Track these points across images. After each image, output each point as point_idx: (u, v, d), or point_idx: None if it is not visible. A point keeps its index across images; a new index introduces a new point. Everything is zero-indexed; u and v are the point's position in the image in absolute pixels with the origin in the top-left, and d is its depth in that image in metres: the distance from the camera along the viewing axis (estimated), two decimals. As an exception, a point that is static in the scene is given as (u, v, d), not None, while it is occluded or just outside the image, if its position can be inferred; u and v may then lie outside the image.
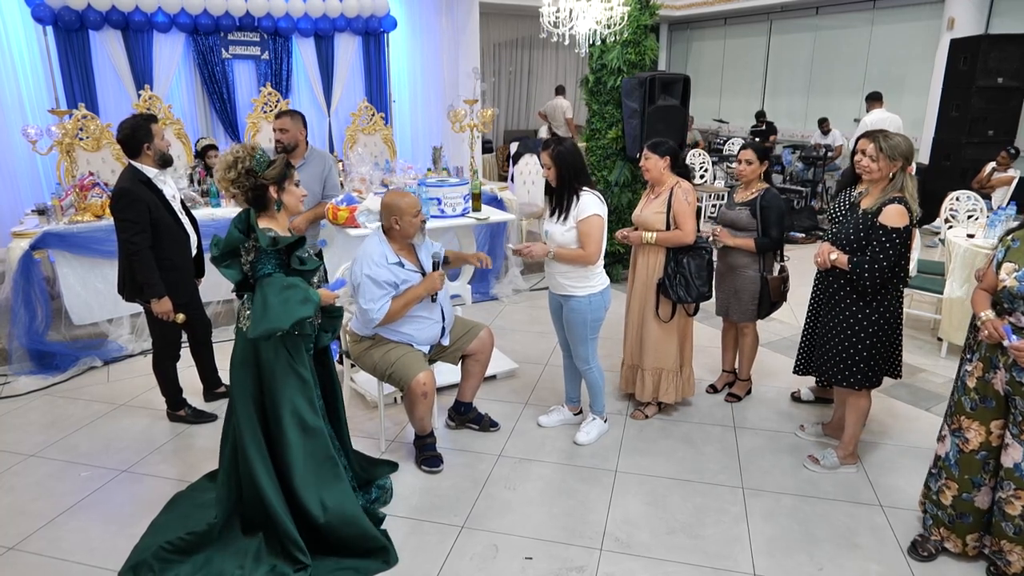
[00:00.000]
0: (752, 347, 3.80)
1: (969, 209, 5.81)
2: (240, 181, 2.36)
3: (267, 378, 2.43)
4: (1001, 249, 2.40)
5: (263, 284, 2.33)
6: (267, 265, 2.35)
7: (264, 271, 2.34)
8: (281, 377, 2.43)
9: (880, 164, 2.85)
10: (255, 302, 2.33)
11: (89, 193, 4.60)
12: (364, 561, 2.52)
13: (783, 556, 2.61)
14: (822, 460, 3.16)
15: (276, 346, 2.41)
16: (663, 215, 3.36)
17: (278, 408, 2.45)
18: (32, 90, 6.23)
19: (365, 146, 6.85)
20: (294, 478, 2.46)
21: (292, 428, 2.46)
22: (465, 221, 4.10)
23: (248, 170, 2.35)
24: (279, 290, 2.31)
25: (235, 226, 2.37)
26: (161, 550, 2.47)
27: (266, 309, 2.28)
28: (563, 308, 3.31)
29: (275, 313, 2.27)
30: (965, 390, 2.45)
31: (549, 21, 4.84)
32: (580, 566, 2.55)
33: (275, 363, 2.42)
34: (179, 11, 6.47)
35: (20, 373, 4.15)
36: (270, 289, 2.31)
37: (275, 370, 2.42)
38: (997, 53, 7.39)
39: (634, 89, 5.45)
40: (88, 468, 3.20)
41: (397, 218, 3.02)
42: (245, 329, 2.43)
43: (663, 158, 3.36)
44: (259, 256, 2.35)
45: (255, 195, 2.40)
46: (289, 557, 2.45)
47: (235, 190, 2.38)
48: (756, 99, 12.09)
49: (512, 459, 3.27)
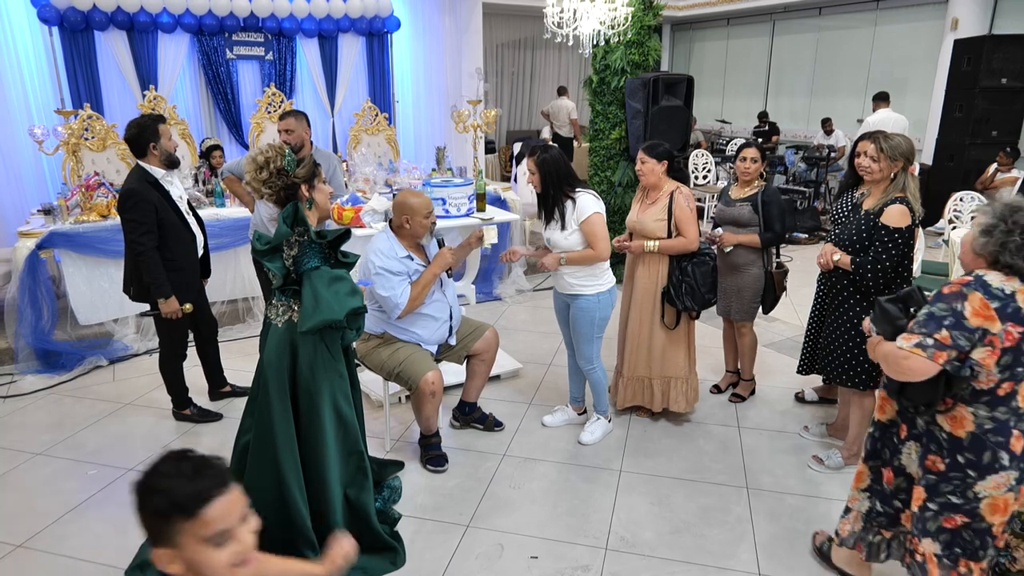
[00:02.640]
0: (751, 347, 3.80)
1: (973, 210, 5.80)
2: (272, 181, 2.39)
3: (305, 372, 2.43)
4: None
5: (311, 277, 2.34)
6: (313, 258, 2.35)
7: (311, 264, 2.35)
8: (321, 370, 2.44)
9: (881, 164, 2.85)
10: (304, 296, 2.33)
11: (95, 193, 4.63)
12: (372, 560, 2.53)
13: (787, 556, 2.61)
14: (826, 460, 3.17)
15: (315, 341, 2.42)
16: (664, 222, 3.28)
17: (317, 401, 2.45)
18: (38, 90, 6.24)
19: (369, 146, 6.88)
20: (326, 470, 2.47)
21: (330, 420, 2.47)
22: (470, 221, 4.11)
23: (279, 170, 2.38)
24: (328, 282, 2.33)
25: (283, 220, 2.38)
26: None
27: (318, 301, 2.29)
28: (570, 307, 3.30)
29: (327, 305, 2.29)
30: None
31: (553, 22, 4.86)
32: (585, 565, 2.56)
33: (315, 357, 2.43)
34: (184, 11, 6.49)
35: (26, 372, 4.17)
36: (319, 282, 2.32)
37: (315, 364, 2.44)
38: (1001, 54, 7.38)
39: (638, 90, 5.46)
40: (95, 467, 3.22)
41: (408, 217, 3.03)
42: (281, 324, 2.44)
43: (660, 162, 3.27)
44: (303, 250, 2.36)
45: (287, 194, 2.43)
46: (296, 553, 2.45)
47: (267, 190, 2.41)
48: (759, 100, 12.08)
49: (517, 458, 3.28)
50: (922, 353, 1.86)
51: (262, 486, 2.47)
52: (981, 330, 1.83)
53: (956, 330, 1.84)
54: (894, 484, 2.22)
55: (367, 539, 2.55)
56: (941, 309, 1.88)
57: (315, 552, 2.45)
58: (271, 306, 2.51)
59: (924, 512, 2.06)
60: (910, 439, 2.13)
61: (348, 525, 2.51)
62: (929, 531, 2.06)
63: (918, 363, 1.87)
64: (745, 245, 3.51)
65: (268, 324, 2.53)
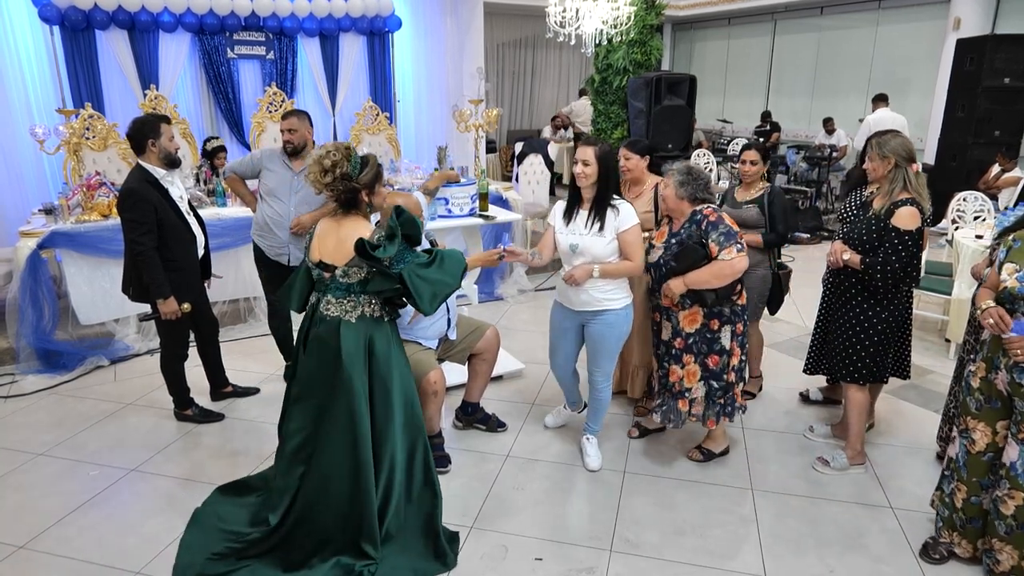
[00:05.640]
0: (757, 345, 3.83)
1: (976, 210, 5.79)
2: (335, 185, 2.39)
3: (382, 366, 2.48)
4: (1003, 249, 2.39)
5: (414, 268, 2.38)
6: (405, 254, 2.39)
7: (411, 258, 2.40)
8: (396, 360, 2.53)
9: (875, 163, 2.91)
10: (415, 285, 2.36)
11: (96, 192, 4.61)
12: (425, 563, 2.51)
13: (792, 557, 2.60)
14: (832, 462, 3.15)
15: (390, 332, 2.53)
16: (651, 214, 3.39)
17: (390, 390, 2.50)
18: (39, 90, 6.23)
19: (370, 146, 6.86)
20: (395, 456, 2.50)
21: (399, 407, 2.52)
22: (472, 221, 4.10)
23: (344, 175, 2.38)
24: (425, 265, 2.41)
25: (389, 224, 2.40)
26: (208, 562, 2.46)
27: (432, 284, 2.39)
28: (590, 325, 3.03)
29: (441, 281, 2.41)
30: (970, 390, 2.44)
31: (555, 21, 4.85)
32: (590, 567, 2.54)
33: (389, 349, 2.51)
34: (185, 11, 6.48)
35: (27, 372, 4.16)
36: (420, 268, 2.39)
37: (390, 355, 2.51)
38: (1003, 53, 7.37)
39: (640, 89, 5.45)
40: (96, 467, 3.20)
41: None
42: (355, 319, 2.46)
43: (643, 157, 3.41)
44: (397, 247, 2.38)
45: (347, 197, 2.43)
46: (357, 551, 2.43)
47: (329, 192, 2.42)
48: (760, 99, 12.07)
49: (520, 459, 3.27)
50: (743, 253, 2.83)
51: (338, 475, 2.46)
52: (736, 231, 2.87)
53: (735, 236, 2.86)
54: (719, 364, 3.01)
55: (426, 539, 2.57)
56: (724, 228, 2.85)
57: (376, 550, 2.43)
58: (341, 303, 2.47)
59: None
60: (724, 325, 2.96)
61: (411, 516, 2.57)
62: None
63: (742, 261, 2.82)
64: (751, 246, 3.51)
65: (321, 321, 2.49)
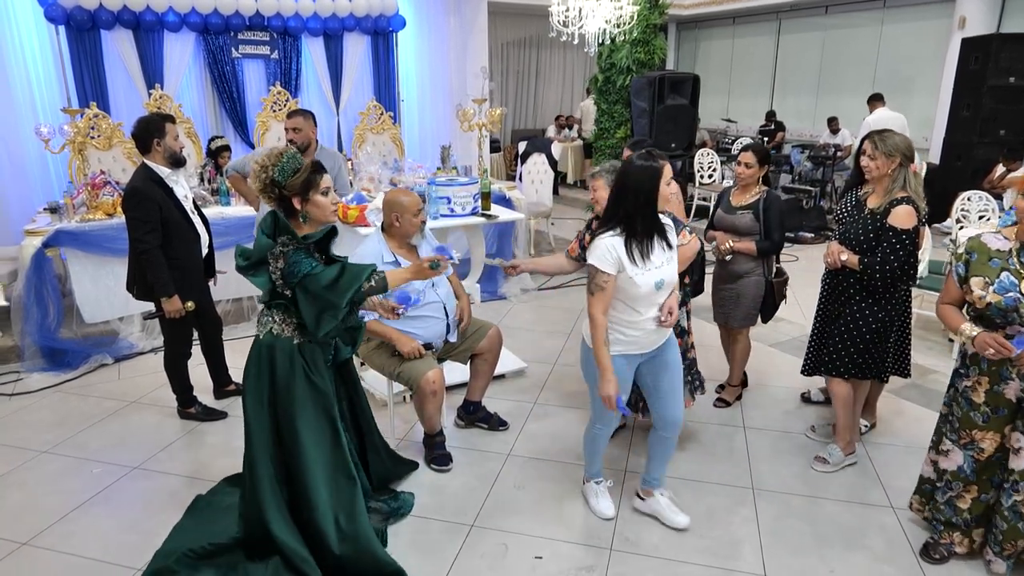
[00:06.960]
0: (744, 352, 3.72)
1: (980, 209, 5.77)
2: (267, 191, 2.28)
3: (282, 390, 2.34)
4: (959, 264, 2.38)
5: (306, 285, 2.22)
6: (302, 264, 2.22)
7: (302, 270, 2.22)
8: (298, 389, 2.34)
9: (878, 162, 2.86)
10: (302, 305, 2.22)
11: (101, 191, 4.64)
12: None
13: (793, 557, 2.60)
14: (829, 458, 3.15)
15: (292, 356, 2.33)
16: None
17: (294, 421, 2.34)
18: (44, 89, 6.27)
19: (374, 145, 6.88)
20: (310, 494, 2.36)
21: (309, 440, 2.36)
22: (475, 220, 4.11)
23: (272, 180, 2.25)
24: (325, 287, 2.23)
25: (262, 231, 2.26)
26: (185, 557, 2.43)
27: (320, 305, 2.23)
28: (660, 356, 2.60)
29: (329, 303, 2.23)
30: (972, 406, 2.41)
31: (559, 20, 4.85)
32: (590, 565, 2.55)
33: (291, 375, 2.33)
34: (190, 10, 6.50)
35: (32, 370, 4.18)
36: (315, 287, 2.22)
37: (290, 383, 2.34)
38: (1008, 52, 7.34)
39: (643, 88, 5.45)
40: (99, 464, 3.22)
41: (398, 215, 3.03)
42: (262, 336, 2.37)
43: None
44: (290, 259, 2.23)
45: (281, 205, 2.30)
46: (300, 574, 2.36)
47: (265, 197, 2.31)
48: (764, 99, 12.05)
49: (521, 458, 3.27)
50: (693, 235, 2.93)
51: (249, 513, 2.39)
52: None
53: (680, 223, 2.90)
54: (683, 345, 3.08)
55: (371, 568, 2.39)
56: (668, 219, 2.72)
57: (315, 572, 2.35)
58: (260, 317, 2.41)
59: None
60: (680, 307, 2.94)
61: (349, 559, 2.37)
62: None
63: (696, 241, 2.96)
64: (743, 253, 3.46)
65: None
